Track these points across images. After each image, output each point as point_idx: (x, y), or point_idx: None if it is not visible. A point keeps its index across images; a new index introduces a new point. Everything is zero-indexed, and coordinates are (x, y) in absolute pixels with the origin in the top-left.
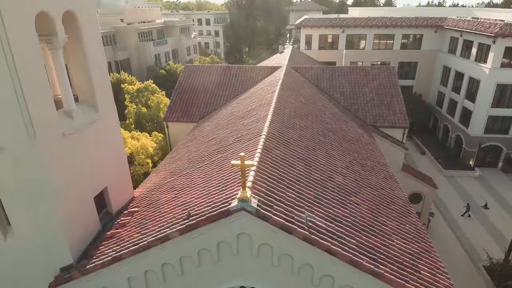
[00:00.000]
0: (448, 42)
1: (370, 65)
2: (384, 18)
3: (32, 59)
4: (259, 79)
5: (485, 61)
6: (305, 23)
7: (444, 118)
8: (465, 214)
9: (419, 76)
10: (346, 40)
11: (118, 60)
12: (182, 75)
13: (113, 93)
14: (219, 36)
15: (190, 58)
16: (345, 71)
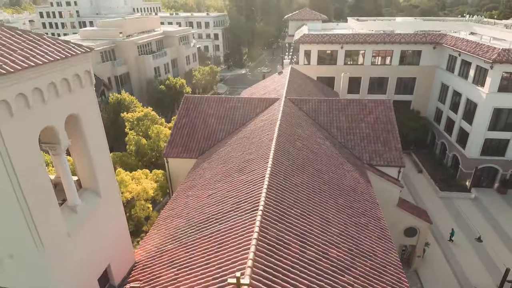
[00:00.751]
0: (447, 59)
1: (369, 80)
2: (382, 34)
3: (36, 175)
4: (258, 111)
5: (482, 84)
6: (304, 39)
7: (441, 135)
8: (450, 239)
9: (417, 91)
10: (345, 56)
11: (117, 75)
12: (182, 107)
13: (113, 115)
14: (218, 39)
15: (189, 67)
16: (342, 104)
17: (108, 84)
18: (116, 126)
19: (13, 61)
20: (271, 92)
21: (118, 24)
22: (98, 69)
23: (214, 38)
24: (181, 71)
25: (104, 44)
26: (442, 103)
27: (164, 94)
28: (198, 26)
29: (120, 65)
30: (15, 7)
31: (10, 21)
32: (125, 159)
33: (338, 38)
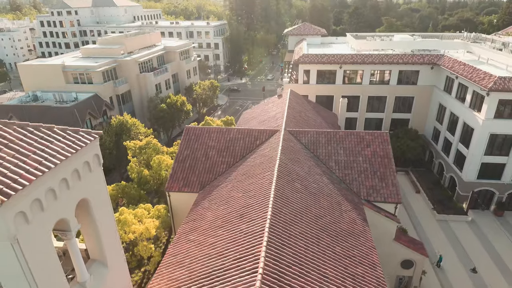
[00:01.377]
0: (444, 80)
1: (367, 99)
2: (381, 55)
3: (47, 261)
4: (258, 143)
5: (479, 109)
6: (303, 60)
7: (439, 155)
8: (437, 264)
9: (415, 110)
10: (344, 75)
11: (119, 94)
12: (183, 138)
13: (116, 137)
14: (218, 48)
15: (190, 81)
16: (340, 136)
17: (110, 104)
18: (118, 148)
19: (27, 171)
20: (271, 119)
21: (119, 42)
22: (100, 89)
23: (215, 48)
24: (182, 85)
25: (106, 64)
26: (439, 123)
27: (166, 113)
28: (199, 35)
29: (121, 84)
30: (16, 12)
31: (11, 30)
32: (127, 190)
33: (337, 58)
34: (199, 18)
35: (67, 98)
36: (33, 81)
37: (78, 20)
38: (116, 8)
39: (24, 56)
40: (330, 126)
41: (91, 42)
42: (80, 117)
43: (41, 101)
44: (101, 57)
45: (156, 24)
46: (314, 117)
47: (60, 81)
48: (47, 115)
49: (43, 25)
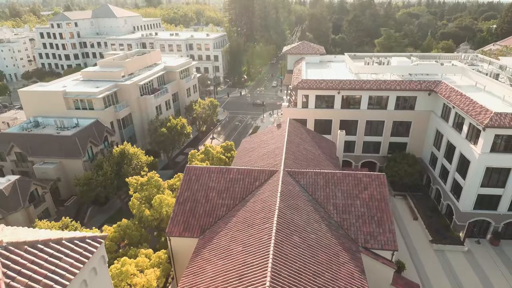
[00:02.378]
0: (441, 106)
1: (365, 123)
2: (378, 81)
3: None
4: (257, 184)
5: (475, 142)
6: (302, 85)
7: (436, 181)
8: None
9: (413, 134)
10: (342, 100)
11: (120, 118)
12: (184, 179)
13: (116, 165)
14: (218, 60)
15: (190, 99)
16: (338, 178)
17: (110, 130)
18: (119, 178)
19: None
20: (270, 154)
21: (120, 64)
22: (101, 115)
23: (214, 60)
24: (182, 104)
25: (107, 90)
26: (437, 149)
27: (166, 137)
28: (198, 48)
29: (122, 108)
30: (16, 19)
31: (11, 41)
32: (129, 232)
33: (335, 84)
34: (199, 24)
35: (68, 124)
36: (34, 107)
37: (78, 31)
38: (116, 20)
39: (24, 67)
40: (328, 158)
41: (91, 54)
42: (81, 146)
43: (42, 126)
44: (102, 81)
45: (156, 36)
46: (313, 149)
47: (61, 107)
48: (48, 144)
49: (42, 36)
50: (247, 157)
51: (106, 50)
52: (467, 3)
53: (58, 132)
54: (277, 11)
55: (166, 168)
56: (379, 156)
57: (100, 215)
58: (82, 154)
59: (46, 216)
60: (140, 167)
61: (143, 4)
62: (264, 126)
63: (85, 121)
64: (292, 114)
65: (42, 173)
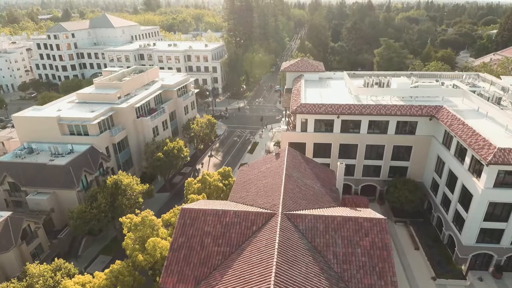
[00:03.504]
0: (443, 133)
1: (365, 147)
2: (378, 106)
3: None
4: (254, 229)
5: (478, 176)
6: (301, 110)
7: (438, 209)
8: None
9: (413, 158)
10: (342, 124)
11: (115, 142)
12: (179, 222)
13: (111, 196)
14: (217, 72)
15: (187, 117)
16: (338, 223)
17: (106, 156)
18: (114, 209)
19: None
20: (268, 191)
21: (116, 86)
22: (96, 141)
23: (213, 71)
24: (180, 122)
25: (102, 114)
26: (438, 176)
27: (162, 162)
28: (197, 59)
29: (118, 132)
30: (13, 25)
31: (7, 51)
32: (121, 278)
33: (335, 108)
34: (198, 30)
35: (62, 150)
36: (28, 132)
37: (75, 42)
38: (113, 30)
39: (21, 77)
40: (328, 191)
41: (88, 65)
42: (75, 176)
43: (36, 153)
44: (98, 103)
45: (154, 47)
46: (312, 182)
47: (55, 133)
48: (41, 173)
49: (39, 47)
50: (245, 191)
51: (103, 61)
52: (466, 4)
53: (52, 160)
54: (276, 18)
55: (163, 190)
56: (379, 179)
57: (95, 245)
58: (76, 184)
59: (39, 252)
60: (135, 198)
61: (142, 7)
62: (263, 142)
63: (80, 147)
64: (291, 137)
65: (36, 204)
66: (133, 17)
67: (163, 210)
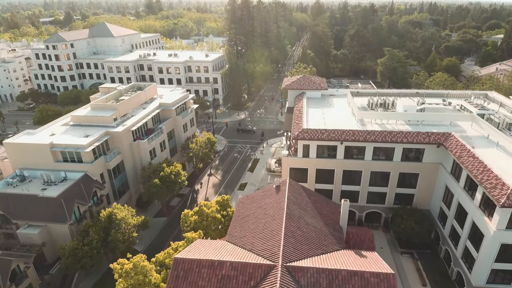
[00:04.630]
0: (451, 162)
1: (370, 174)
2: (384, 132)
3: None
4: (252, 284)
5: (490, 215)
6: (303, 136)
7: (446, 241)
8: None
9: (420, 186)
10: (345, 150)
11: (111, 168)
12: (171, 275)
13: (103, 231)
14: (217, 83)
15: (186, 135)
16: (343, 278)
17: (100, 184)
18: (106, 244)
19: None
20: (267, 232)
21: (112, 107)
22: (90, 168)
23: (213, 82)
24: (178, 140)
25: (97, 140)
26: (446, 207)
27: (159, 188)
28: (197, 70)
29: (114, 157)
30: (14, 30)
31: (6, 61)
32: None
33: (338, 135)
34: (199, 35)
35: (55, 178)
36: (21, 159)
37: (74, 52)
38: (113, 39)
39: (20, 87)
40: (331, 231)
41: (87, 75)
42: (67, 208)
43: (28, 180)
44: (93, 126)
45: (154, 58)
46: (314, 221)
47: (48, 160)
48: (32, 206)
49: (38, 57)
50: (243, 230)
51: (103, 71)
52: (469, 6)
53: (44, 189)
54: (278, 25)
55: (160, 215)
56: (384, 207)
57: (88, 279)
58: (67, 218)
59: None
60: (129, 232)
61: (144, 9)
62: (264, 158)
63: (74, 174)
64: (292, 163)
65: (27, 238)
66: (134, 23)
67: (160, 238)
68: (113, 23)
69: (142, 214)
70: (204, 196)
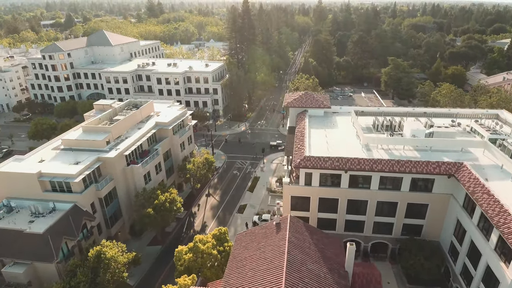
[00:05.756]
0: (463, 195)
1: (376, 203)
2: (391, 161)
3: None
4: None
5: (507, 261)
6: (305, 164)
7: (457, 279)
8: None
9: (429, 217)
10: (350, 179)
11: (102, 197)
12: None
13: (92, 272)
14: (217, 93)
15: (184, 154)
16: None
17: (91, 215)
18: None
19: None
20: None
21: (105, 130)
22: (80, 199)
23: (213, 93)
24: (176, 159)
25: (87, 168)
26: (458, 243)
27: (152, 218)
28: (197, 81)
29: (105, 185)
30: (13, 35)
31: (2, 70)
32: None
33: (342, 163)
34: (200, 39)
35: (43, 209)
36: (8, 188)
37: (71, 62)
38: (111, 48)
39: (17, 96)
40: (336, 278)
41: (85, 85)
42: (54, 245)
43: (16, 211)
44: (84, 150)
45: (153, 68)
46: (318, 266)
47: (36, 189)
48: (18, 242)
49: (34, 67)
50: (241, 277)
51: (100, 81)
52: (472, 7)
53: (32, 221)
54: (279, 32)
55: (154, 242)
56: (391, 237)
57: None
58: (54, 257)
59: None
60: (119, 271)
61: (145, 12)
62: (264, 176)
63: (63, 205)
64: (294, 191)
65: (12, 277)
66: (134, 28)
67: (153, 270)
68: (113, 27)
69: (136, 242)
70: (201, 220)
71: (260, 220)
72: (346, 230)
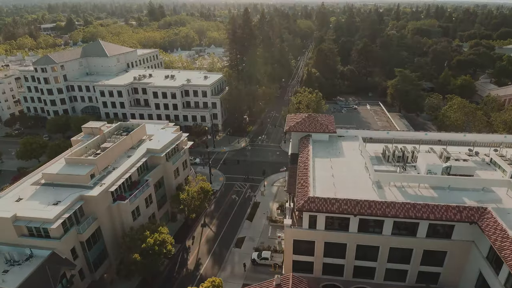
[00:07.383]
0: (488, 246)
1: (388, 250)
2: (406, 205)
3: None
4: None
5: None
6: (309, 206)
7: None
8: None
9: (448, 264)
10: (359, 223)
11: (84, 240)
12: None
13: None
14: (216, 107)
15: (178, 181)
16: None
17: (71, 263)
18: None
19: None
20: None
21: (91, 162)
22: (59, 246)
23: (212, 107)
24: (168, 187)
25: (67, 210)
26: None
27: (140, 264)
28: (195, 95)
29: (88, 226)
30: (10, 42)
31: None
32: None
33: (351, 206)
34: (201, 45)
35: (19, 257)
36: None
37: (64, 74)
38: (107, 59)
39: (10, 109)
40: None
41: (79, 98)
42: None
43: None
44: (66, 186)
45: (150, 80)
46: None
47: (11, 234)
48: None
49: (27, 80)
50: None
51: (95, 94)
52: (476, 9)
53: (6, 270)
54: (281, 39)
55: (143, 285)
56: (405, 285)
57: None
58: None
59: None
60: None
61: (147, 14)
62: (265, 200)
63: (41, 252)
64: (296, 235)
65: None
66: (134, 35)
67: None
68: (113, 32)
69: (123, 284)
70: (195, 257)
71: (260, 258)
72: (355, 276)
